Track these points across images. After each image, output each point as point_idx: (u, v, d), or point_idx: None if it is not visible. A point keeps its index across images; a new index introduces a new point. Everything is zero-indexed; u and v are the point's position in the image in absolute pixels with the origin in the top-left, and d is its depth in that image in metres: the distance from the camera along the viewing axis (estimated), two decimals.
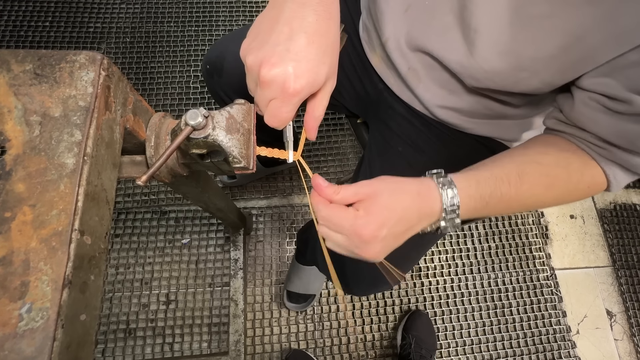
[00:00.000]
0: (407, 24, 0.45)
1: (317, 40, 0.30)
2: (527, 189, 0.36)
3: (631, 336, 1.04)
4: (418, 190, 0.33)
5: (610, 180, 0.38)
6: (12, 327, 0.21)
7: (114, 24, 1.22)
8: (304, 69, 0.29)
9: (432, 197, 0.33)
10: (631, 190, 1.21)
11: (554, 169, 0.37)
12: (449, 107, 0.50)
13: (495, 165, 0.37)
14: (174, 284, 0.96)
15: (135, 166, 0.37)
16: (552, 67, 0.36)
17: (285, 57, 0.29)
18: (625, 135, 0.34)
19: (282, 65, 0.28)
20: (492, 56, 0.38)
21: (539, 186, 0.36)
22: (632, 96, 0.32)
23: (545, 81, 0.38)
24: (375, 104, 0.60)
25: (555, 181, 0.37)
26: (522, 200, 0.36)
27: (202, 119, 0.28)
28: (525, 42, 0.36)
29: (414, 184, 0.34)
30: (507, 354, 0.98)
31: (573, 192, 0.38)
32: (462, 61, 0.41)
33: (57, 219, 0.24)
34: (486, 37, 0.38)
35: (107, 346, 0.89)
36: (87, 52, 0.28)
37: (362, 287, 0.57)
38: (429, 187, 0.33)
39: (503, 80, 0.40)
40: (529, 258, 1.08)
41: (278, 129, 0.33)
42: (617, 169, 0.37)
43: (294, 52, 0.29)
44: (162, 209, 1.02)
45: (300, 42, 0.29)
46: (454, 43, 0.41)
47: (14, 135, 0.26)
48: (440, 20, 0.41)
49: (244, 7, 1.28)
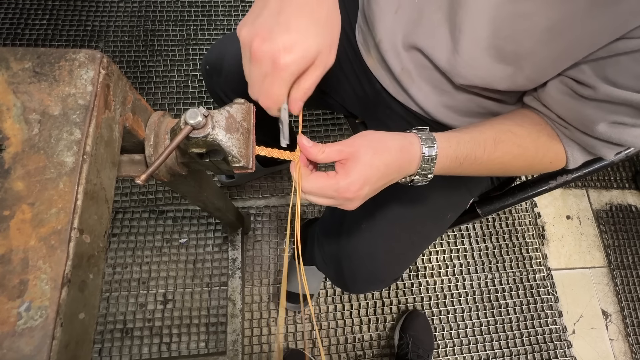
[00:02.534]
0: (398, 23, 0.46)
1: (307, 12, 0.29)
2: (499, 156, 0.39)
3: (626, 336, 1.05)
4: (401, 146, 0.34)
5: (568, 157, 0.41)
6: (10, 325, 0.21)
7: (112, 23, 1.22)
8: (294, 41, 0.28)
9: (412, 152, 0.35)
10: (627, 191, 1.22)
11: (525, 140, 0.40)
12: (443, 107, 0.51)
13: (476, 129, 0.39)
14: (171, 284, 0.96)
15: (134, 165, 0.37)
16: (535, 62, 0.37)
17: (275, 30, 0.28)
18: (582, 119, 0.37)
19: (271, 39, 0.28)
20: (476, 53, 0.39)
21: (509, 155, 0.39)
22: (599, 83, 0.34)
23: (530, 77, 0.39)
24: (374, 104, 0.60)
25: (524, 152, 0.40)
26: (490, 165, 0.39)
27: (202, 118, 0.28)
28: (506, 38, 0.36)
29: (397, 139, 0.34)
30: (503, 353, 0.99)
31: (537, 165, 0.42)
32: (449, 59, 0.42)
33: (56, 217, 0.24)
34: (469, 35, 0.38)
35: (104, 346, 0.89)
36: (87, 51, 0.28)
37: (358, 285, 0.58)
38: (411, 143, 0.35)
39: (489, 77, 0.41)
40: (526, 258, 1.09)
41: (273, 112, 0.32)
42: (575, 148, 0.41)
43: (284, 24, 0.28)
44: (160, 208, 1.02)
45: (291, 14, 0.29)
46: (442, 41, 0.41)
47: (13, 134, 0.26)
48: (429, 18, 0.42)
49: (242, 6, 1.28)
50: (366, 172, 0.32)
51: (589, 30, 0.32)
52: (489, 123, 0.41)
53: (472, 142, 0.37)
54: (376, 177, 0.33)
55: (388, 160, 0.33)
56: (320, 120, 1.17)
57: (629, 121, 0.35)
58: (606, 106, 0.35)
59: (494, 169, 0.40)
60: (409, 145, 0.34)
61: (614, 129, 0.36)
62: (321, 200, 0.33)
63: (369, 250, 0.53)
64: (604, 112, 0.35)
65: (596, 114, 0.36)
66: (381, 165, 0.33)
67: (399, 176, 0.36)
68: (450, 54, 0.41)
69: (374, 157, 0.32)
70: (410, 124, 0.56)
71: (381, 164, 0.32)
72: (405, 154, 0.34)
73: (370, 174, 0.32)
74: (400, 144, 0.34)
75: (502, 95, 0.46)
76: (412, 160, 0.35)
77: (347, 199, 0.32)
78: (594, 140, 0.38)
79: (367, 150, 0.32)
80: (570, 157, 0.41)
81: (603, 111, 0.35)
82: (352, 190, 0.32)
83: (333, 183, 0.32)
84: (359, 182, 0.32)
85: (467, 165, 0.38)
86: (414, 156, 0.35)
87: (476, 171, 0.40)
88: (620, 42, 0.31)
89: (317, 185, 0.32)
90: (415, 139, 0.35)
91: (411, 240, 0.55)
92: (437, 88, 0.48)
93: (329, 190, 0.32)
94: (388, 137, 0.34)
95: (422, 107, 0.52)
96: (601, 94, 0.34)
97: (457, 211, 0.58)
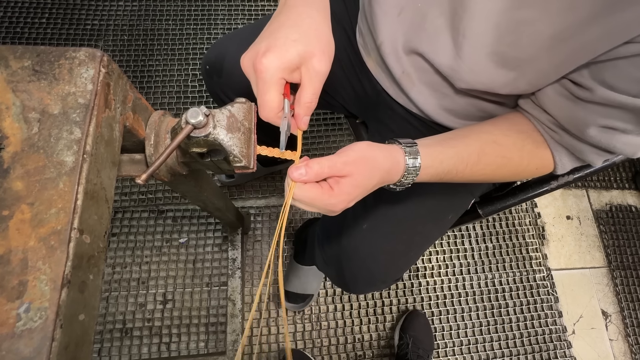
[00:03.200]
0: (400, 27, 0.46)
1: (288, 24, 0.32)
2: (481, 168, 0.40)
3: (626, 336, 1.05)
4: (389, 168, 0.36)
5: (556, 162, 0.42)
6: (9, 327, 0.21)
7: (111, 22, 1.21)
8: (270, 45, 0.31)
9: (397, 170, 0.36)
10: (627, 191, 1.22)
11: (510, 150, 0.41)
12: (442, 110, 0.51)
13: (463, 141, 0.40)
14: (171, 284, 0.95)
15: (135, 165, 0.37)
16: (538, 68, 0.37)
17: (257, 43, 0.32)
18: (574, 120, 0.37)
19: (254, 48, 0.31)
20: (479, 59, 0.39)
21: (492, 166, 0.40)
22: (596, 86, 0.34)
23: (532, 83, 0.39)
24: (375, 104, 0.60)
25: (508, 162, 0.41)
26: (472, 177, 0.40)
27: (203, 117, 0.28)
28: (510, 45, 0.37)
29: (387, 162, 0.36)
30: (503, 354, 0.99)
31: (521, 172, 0.43)
32: (451, 64, 0.42)
33: (56, 217, 0.24)
34: (473, 40, 0.38)
35: (103, 346, 0.89)
36: (87, 49, 0.28)
37: (359, 286, 0.57)
38: (398, 163, 0.36)
39: (491, 82, 0.41)
40: (526, 259, 1.09)
41: (275, 122, 0.33)
42: (563, 153, 0.41)
43: (265, 36, 0.32)
44: (160, 208, 1.02)
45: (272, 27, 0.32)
46: (444, 46, 0.41)
47: (12, 133, 0.25)
48: (431, 23, 0.42)
49: (242, 6, 1.28)
50: (355, 192, 0.34)
51: (592, 37, 0.32)
52: (476, 132, 0.41)
53: (455, 158, 0.38)
54: (363, 194, 0.35)
55: (375, 182, 0.35)
56: (321, 120, 1.17)
57: (621, 126, 0.35)
58: (601, 109, 0.35)
59: (475, 179, 0.41)
60: (396, 166, 0.36)
61: (604, 134, 0.36)
62: (308, 208, 0.35)
63: (370, 251, 0.53)
64: (597, 115, 0.36)
65: (589, 117, 0.36)
66: (369, 185, 0.35)
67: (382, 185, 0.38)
68: (452, 60, 0.41)
69: (364, 180, 0.34)
70: (410, 124, 0.56)
71: (369, 185, 0.35)
72: (392, 173, 0.36)
73: (358, 193, 0.34)
74: (389, 166, 0.36)
75: (502, 98, 0.46)
76: (395, 176, 0.37)
77: (332, 212, 0.35)
78: (582, 145, 0.39)
79: (363, 172, 0.34)
80: (558, 162, 0.42)
81: (596, 114, 0.36)
82: (341, 206, 0.34)
83: (325, 198, 0.33)
84: (348, 200, 0.34)
85: (448, 178, 0.40)
86: (398, 172, 0.37)
87: (459, 181, 0.41)
88: (622, 47, 0.31)
89: (309, 196, 0.33)
90: (401, 157, 0.36)
91: (412, 241, 0.55)
92: (438, 92, 0.48)
93: (319, 203, 0.33)
94: (379, 157, 0.35)
95: (422, 109, 0.52)
96: (598, 96, 0.34)
97: (458, 212, 0.58)
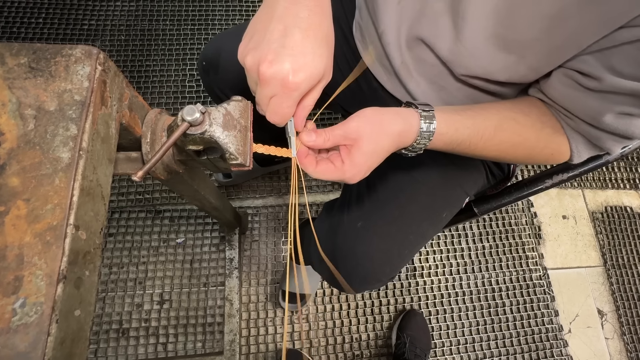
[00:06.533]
0: (401, 14, 0.46)
1: (311, 34, 0.30)
2: (495, 144, 0.39)
3: (621, 335, 1.06)
4: (401, 131, 0.36)
5: (572, 149, 0.41)
6: (5, 322, 0.21)
7: (108, 22, 1.21)
8: (302, 63, 0.30)
9: (411, 133, 0.36)
10: (622, 191, 1.23)
11: (528, 130, 0.40)
12: (440, 102, 0.51)
13: (481, 114, 0.39)
14: (168, 284, 0.95)
15: (131, 162, 0.37)
16: (537, 50, 0.37)
17: (281, 53, 0.29)
18: (587, 110, 0.37)
19: (279, 62, 0.29)
20: (479, 42, 0.39)
21: (506, 143, 0.40)
22: (605, 74, 0.34)
23: (532, 66, 0.39)
24: (371, 102, 0.60)
25: (524, 142, 0.40)
26: (484, 152, 0.40)
27: (199, 115, 0.28)
28: (509, 26, 0.37)
29: (396, 125, 0.36)
30: (500, 352, 0.99)
31: (536, 155, 0.42)
32: (452, 48, 0.42)
33: (51, 213, 0.24)
34: (472, 23, 0.39)
35: (100, 346, 0.88)
36: (83, 47, 0.28)
37: (355, 285, 0.57)
38: (411, 126, 0.36)
39: (491, 66, 0.41)
40: (522, 258, 1.09)
41: (280, 125, 0.33)
42: (580, 141, 0.40)
43: (290, 47, 0.29)
44: (157, 208, 1.02)
45: (296, 37, 0.30)
46: (445, 30, 0.42)
47: (8, 129, 0.26)
48: (431, 7, 0.42)
49: (239, 5, 1.28)
50: (367, 162, 0.35)
51: (591, 18, 0.32)
52: (495, 108, 0.40)
53: (471, 129, 0.38)
54: (376, 162, 0.36)
55: (387, 146, 0.35)
56: (318, 120, 1.17)
57: (636, 112, 0.35)
58: (612, 97, 0.35)
59: (488, 155, 0.41)
60: (408, 128, 0.36)
61: (620, 120, 0.36)
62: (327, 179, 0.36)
63: (365, 250, 0.53)
64: (610, 103, 0.35)
65: (602, 105, 0.36)
66: (381, 151, 0.35)
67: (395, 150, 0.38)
68: (452, 43, 0.41)
69: (375, 146, 0.35)
70: None
71: (381, 151, 0.35)
72: (404, 136, 0.36)
73: (371, 162, 0.35)
74: (401, 128, 0.36)
75: (502, 88, 0.45)
76: (409, 140, 0.37)
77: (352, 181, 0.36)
78: (599, 132, 0.38)
79: (370, 136, 0.34)
80: (574, 150, 0.41)
81: (609, 102, 0.35)
82: (358, 177, 0.36)
83: (340, 174, 0.35)
84: (363, 170, 0.35)
85: (460, 149, 0.40)
86: (411, 136, 0.36)
87: (470, 154, 0.41)
88: (625, 31, 0.31)
89: (325, 176, 0.35)
90: (415, 120, 0.36)
91: (407, 239, 0.55)
92: (436, 84, 0.49)
93: (337, 178, 0.35)
94: (386, 120, 0.35)
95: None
96: (606, 85, 0.34)
97: (452, 210, 0.58)
